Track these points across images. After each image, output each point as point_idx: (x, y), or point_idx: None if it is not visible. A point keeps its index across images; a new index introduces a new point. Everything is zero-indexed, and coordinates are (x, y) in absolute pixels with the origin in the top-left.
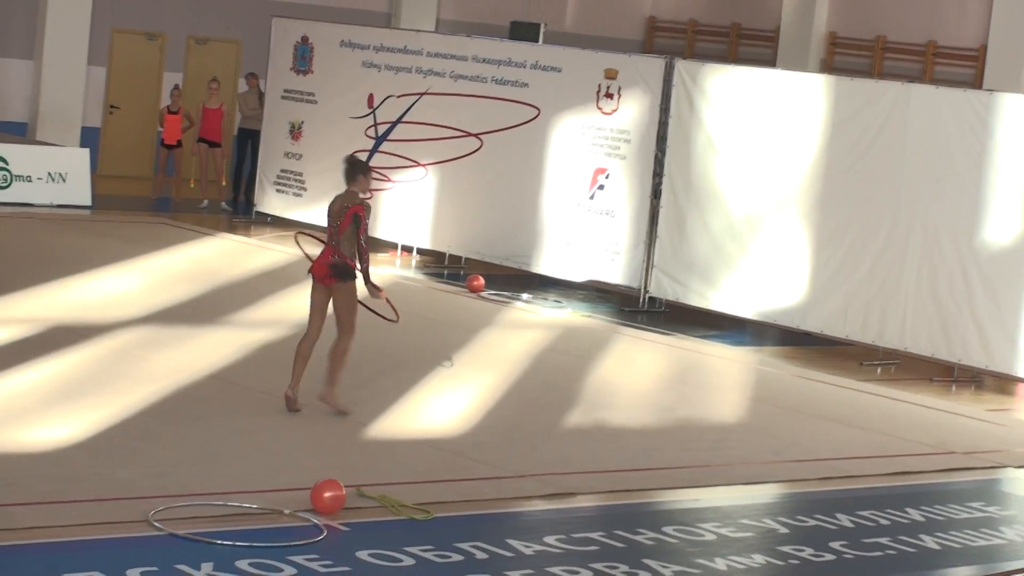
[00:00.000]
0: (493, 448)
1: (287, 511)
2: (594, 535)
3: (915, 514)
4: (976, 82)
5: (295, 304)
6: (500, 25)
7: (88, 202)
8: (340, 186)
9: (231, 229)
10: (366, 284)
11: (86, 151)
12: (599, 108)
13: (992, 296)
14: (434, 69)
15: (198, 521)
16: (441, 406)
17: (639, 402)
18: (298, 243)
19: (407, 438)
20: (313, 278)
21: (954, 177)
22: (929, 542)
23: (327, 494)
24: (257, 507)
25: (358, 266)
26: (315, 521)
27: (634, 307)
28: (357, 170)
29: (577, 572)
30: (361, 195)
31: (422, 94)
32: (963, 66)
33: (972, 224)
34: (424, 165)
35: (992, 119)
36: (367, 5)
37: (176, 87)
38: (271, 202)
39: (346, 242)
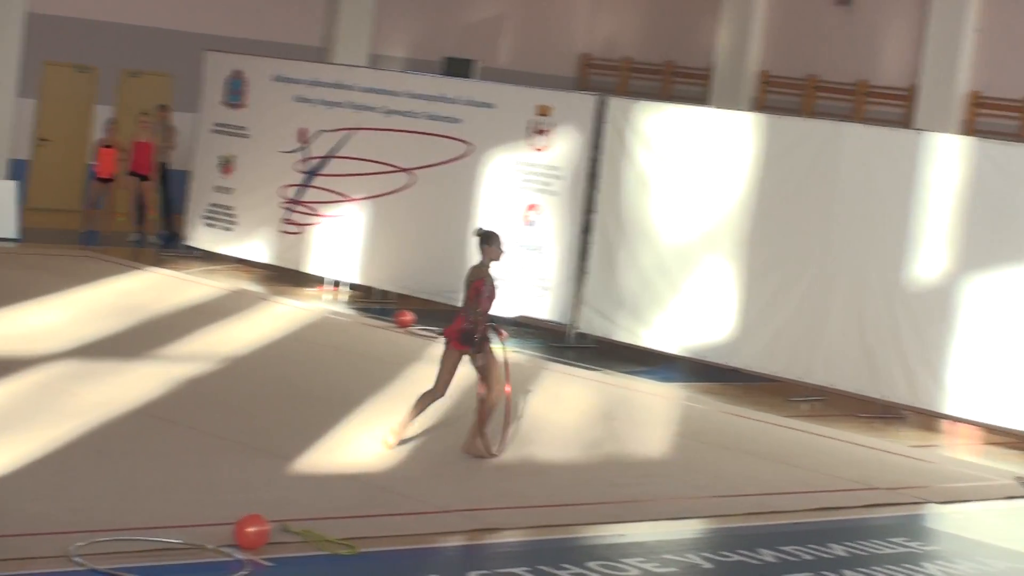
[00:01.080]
0: (419, 483)
1: (210, 546)
2: (518, 570)
3: (838, 549)
4: (906, 121)
5: (222, 339)
6: (434, 61)
7: (14, 235)
8: (273, 220)
9: (159, 263)
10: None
11: (13, 183)
12: (531, 144)
13: (918, 333)
14: (367, 104)
15: (120, 556)
16: (367, 441)
17: (566, 437)
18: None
19: (332, 473)
20: (446, 341)
21: (882, 215)
22: None
23: (250, 529)
24: (180, 542)
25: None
26: (238, 556)
27: (563, 343)
28: (483, 241)
29: None
30: (493, 260)
31: (354, 129)
32: (893, 105)
33: (899, 262)
34: (355, 200)
35: (921, 158)
36: (300, 39)
37: (111, 120)
38: (201, 236)
39: (470, 311)
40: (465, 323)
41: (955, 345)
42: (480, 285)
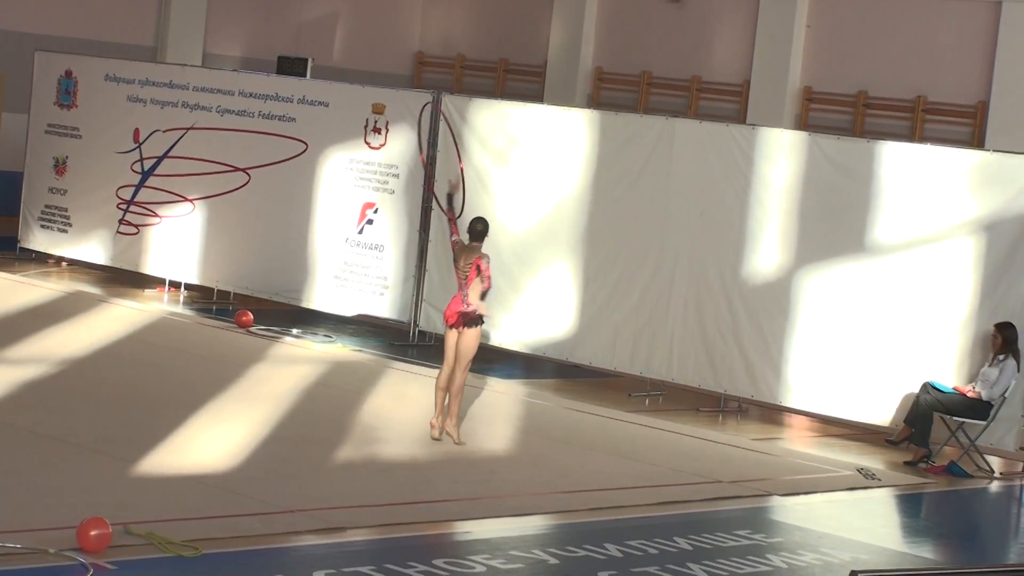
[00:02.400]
0: (263, 483)
1: (52, 550)
2: (365, 569)
3: (683, 543)
4: (740, 116)
5: (60, 341)
6: (267, 60)
7: None
8: (110, 221)
9: None
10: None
11: None
12: (367, 143)
13: (757, 327)
14: (200, 103)
15: None
16: (210, 442)
17: (410, 436)
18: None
19: (175, 474)
20: (445, 322)
21: (718, 210)
22: (697, 570)
23: (93, 532)
24: (21, 546)
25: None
26: (81, 560)
27: (404, 341)
28: (484, 231)
29: None
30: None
31: (188, 129)
32: (727, 101)
33: (737, 256)
34: (191, 200)
35: (754, 153)
36: (132, 39)
37: None
38: (36, 238)
39: (473, 291)
40: (465, 304)
41: (794, 338)
42: (481, 262)
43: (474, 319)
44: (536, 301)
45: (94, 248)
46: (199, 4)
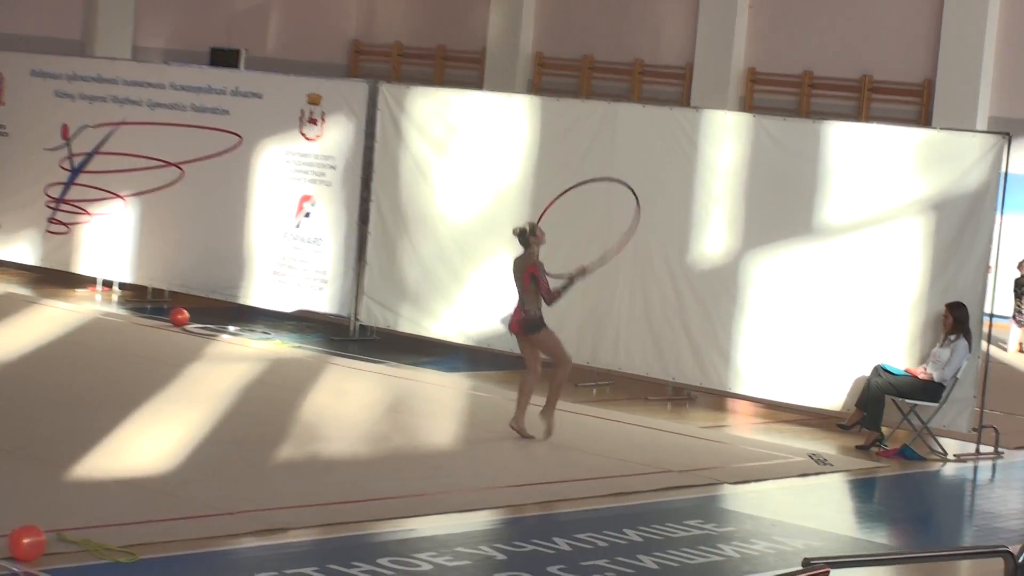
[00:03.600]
0: (201, 485)
1: None
2: (308, 570)
3: (633, 535)
4: (684, 99)
5: None
6: (200, 51)
7: None
8: (39, 220)
9: None
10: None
11: None
12: (303, 134)
13: (704, 313)
14: (131, 98)
15: None
16: (146, 444)
17: (352, 433)
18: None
19: (110, 478)
20: (510, 331)
21: (663, 195)
22: (647, 562)
23: (26, 540)
24: None
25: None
26: (14, 569)
27: (345, 336)
28: (529, 233)
29: None
30: (541, 246)
31: (119, 124)
32: (671, 84)
33: (683, 241)
34: (123, 197)
35: (699, 136)
36: (59, 33)
37: None
38: None
39: (529, 298)
40: (522, 312)
41: (742, 323)
42: (535, 270)
43: (535, 324)
44: (479, 292)
45: (23, 248)
46: None
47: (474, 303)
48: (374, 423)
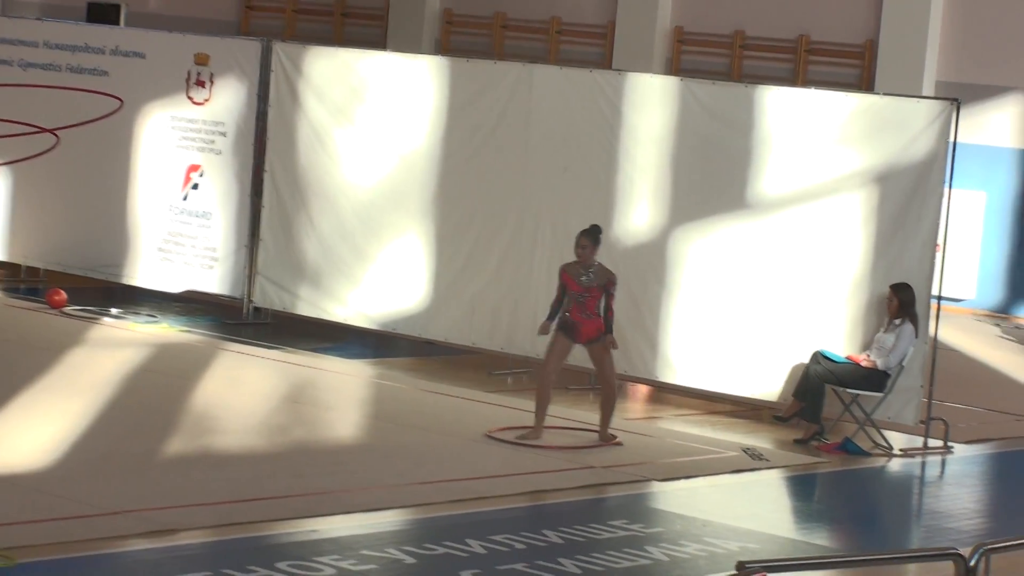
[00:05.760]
0: (82, 482)
1: None
2: (200, 575)
3: (553, 536)
4: (605, 61)
5: None
6: (76, 7)
7: None
8: None
9: None
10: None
11: None
12: (190, 97)
13: (630, 295)
14: (1, 57)
15: None
16: (21, 438)
17: (247, 425)
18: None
19: None
20: (580, 336)
21: (584, 165)
22: (569, 566)
23: None
24: None
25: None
26: None
27: (237, 319)
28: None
29: None
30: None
31: None
32: (591, 44)
33: (605, 216)
34: None
35: (622, 101)
36: None
37: None
38: None
39: (589, 305)
40: (597, 315)
41: (671, 307)
42: (613, 287)
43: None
44: (384, 272)
45: None
46: None
47: (379, 283)
48: (271, 414)
